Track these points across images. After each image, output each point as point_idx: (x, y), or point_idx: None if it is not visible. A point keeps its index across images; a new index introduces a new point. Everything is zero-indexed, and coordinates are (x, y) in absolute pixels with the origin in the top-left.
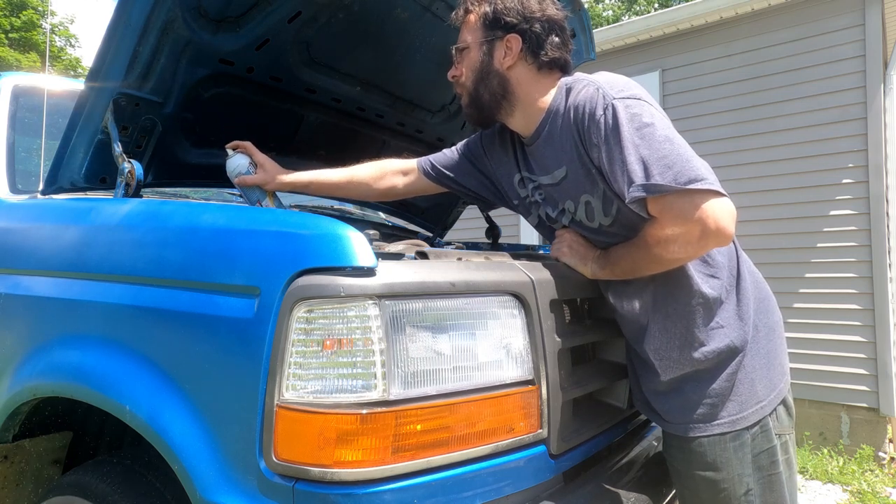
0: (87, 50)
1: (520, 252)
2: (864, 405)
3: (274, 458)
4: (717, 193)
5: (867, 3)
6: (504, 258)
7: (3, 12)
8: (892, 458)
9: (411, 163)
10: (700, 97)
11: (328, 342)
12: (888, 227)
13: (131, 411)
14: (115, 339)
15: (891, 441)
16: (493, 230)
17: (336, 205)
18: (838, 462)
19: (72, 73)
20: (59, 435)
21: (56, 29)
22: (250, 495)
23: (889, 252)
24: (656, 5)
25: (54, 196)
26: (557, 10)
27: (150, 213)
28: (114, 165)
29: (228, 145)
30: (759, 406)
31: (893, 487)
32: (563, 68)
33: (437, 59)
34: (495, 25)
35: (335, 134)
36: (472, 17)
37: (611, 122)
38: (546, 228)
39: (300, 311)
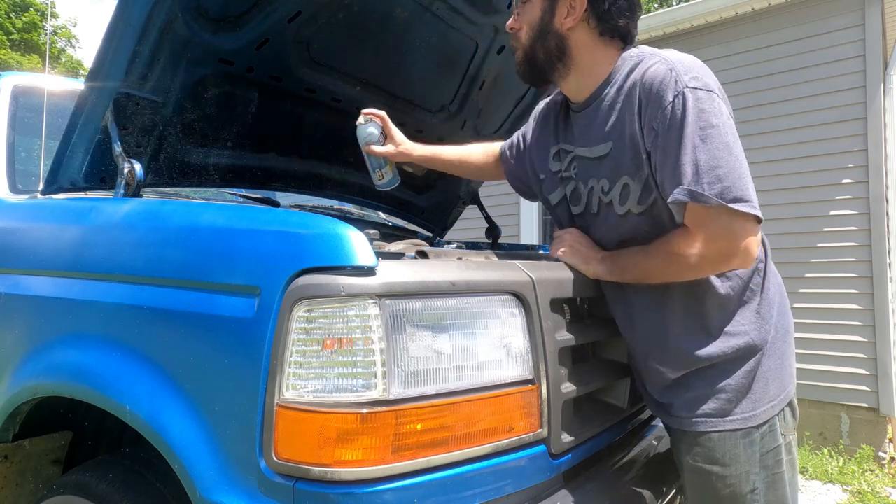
0: (88, 52)
1: (520, 252)
2: (864, 405)
3: (274, 458)
4: (756, 219)
5: (867, 3)
6: (504, 258)
7: (4, 13)
8: (892, 458)
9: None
10: None
11: (328, 341)
12: (888, 227)
13: (131, 411)
14: (116, 339)
15: (891, 441)
16: (493, 230)
17: (336, 204)
18: (838, 462)
19: (73, 74)
20: (59, 435)
21: (58, 30)
22: (250, 495)
23: (889, 252)
24: (656, 5)
25: (54, 196)
26: None
27: (151, 213)
28: (114, 165)
29: (364, 111)
30: (770, 405)
31: (893, 487)
32: (626, 38)
33: (438, 59)
34: None
35: (335, 133)
36: None
37: (679, 112)
38: (565, 209)
39: (300, 311)
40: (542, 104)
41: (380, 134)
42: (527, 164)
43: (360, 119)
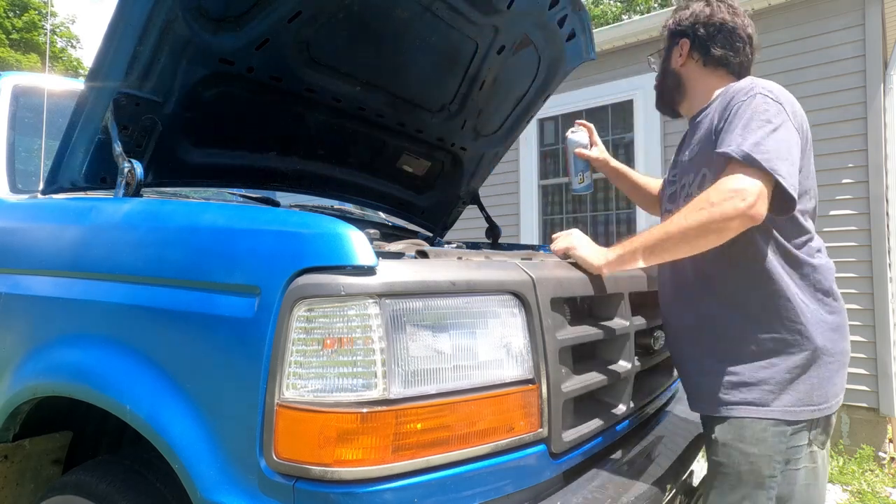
0: (88, 51)
1: (520, 252)
2: (864, 405)
3: (274, 457)
4: (777, 186)
5: (867, 3)
6: (504, 257)
7: (3, 13)
8: (892, 458)
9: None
10: None
11: (328, 341)
12: (888, 227)
13: (132, 411)
14: (116, 339)
15: (891, 441)
16: (493, 230)
17: (336, 204)
18: (838, 462)
19: (73, 73)
20: (59, 435)
21: (57, 29)
22: (251, 494)
23: (889, 252)
24: (656, 5)
25: (54, 196)
26: (730, 16)
27: (151, 213)
28: (114, 165)
29: (577, 122)
30: (808, 409)
31: (893, 487)
32: (731, 68)
33: (438, 59)
34: (673, 35)
35: (335, 133)
36: (665, 31)
37: (749, 104)
38: (664, 207)
39: (300, 310)
40: None
41: (587, 142)
42: None
43: (573, 128)
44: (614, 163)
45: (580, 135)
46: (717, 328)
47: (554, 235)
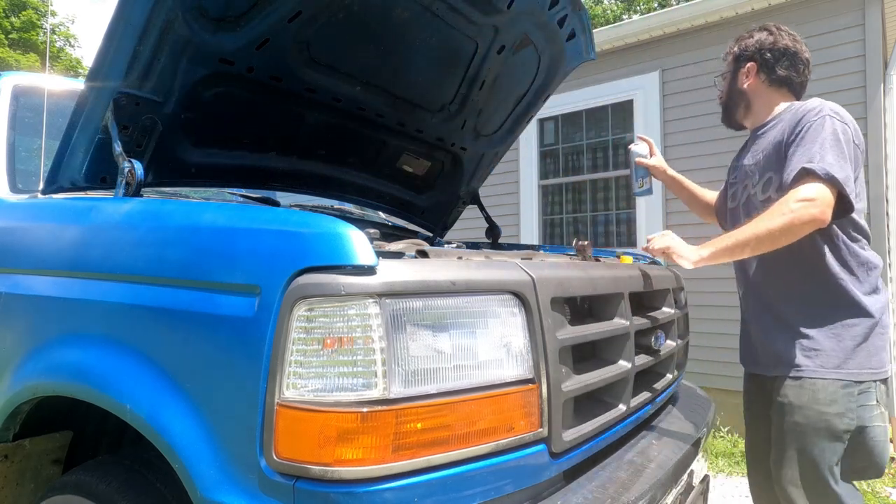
0: (87, 50)
1: (520, 251)
2: None
3: (274, 457)
4: (839, 194)
5: (867, 3)
6: (505, 257)
7: (2, 13)
8: (892, 458)
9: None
10: (700, 97)
11: (329, 341)
12: (888, 227)
13: (132, 410)
14: (116, 339)
15: (891, 441)
16: (493, 230)
17: (336, 204)
18: None
19: (72, 73)
20: (59, 434)
21: (56, 29)
22: (251, 494)
23: (889, 252)
24: (656, 5)
25: (55, 195)
26: (791, 42)
27: (151, 213)
28: (114, 165)
29: (638, 136)
30: (871, 371)
31: (893, 487)
32: (792, 88)
33: (438, 59)
34: (740, 59)
35: (335, 134)
36: (730, 55)
37: (819, 125)
38: (724, 208)
39: (301, 310)
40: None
41: (647, 152)
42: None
43: (634, 142)
44: (671, 171)
45: (641, 147)
46: (793, 305)
47: (648, 237)
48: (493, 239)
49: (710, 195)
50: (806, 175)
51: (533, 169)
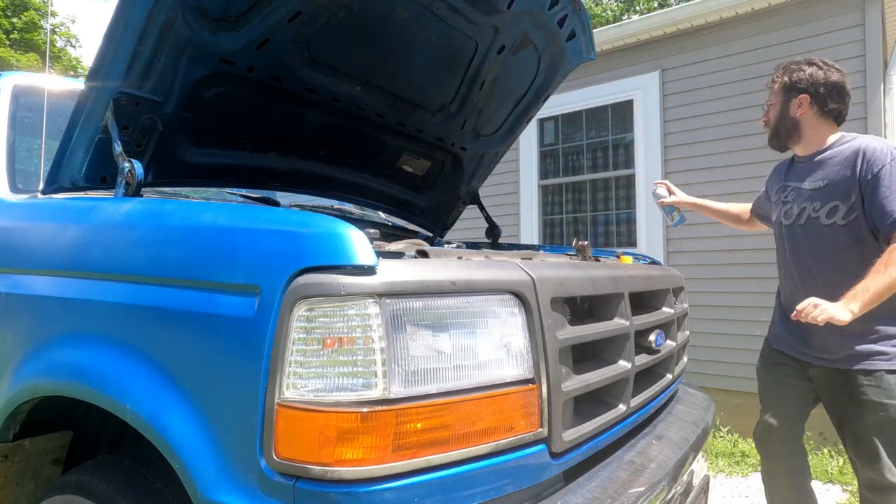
0: (87, 50)
1: (520, 251)
2: None
3: (274, 457)
4: None
5: (867, 3)
6: (504, 257)
7: (3, 13)
8: None
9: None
10: (700, 97)
11: (329, 341)
12: None
13: (132, 410)
14: (116, 338)
15: None
16: (493, 230)
17: (336, 204)
18: (838, 462)
19: (72, 73)
20: (59, 434)
21: (57, 29)
22: (251, 494)
23: None
24: (656, 5)
25: (54, 195)
26: (838, 75)
27: (151, 212)
28: (114, 165)
29: (655, 182)
30: None
31: None
32: (838, 118)
33: (438, 59)
34: (791, 89)
35: (335, 134)
36: (776, 84)
37: (891, 169)
38: (780, 222)
39: (301, 310)
40: (774, 167)
41: (666, 194)
42: (771, 200)
43: (653, 186)
44: (691, 199)
45: (661, 189)
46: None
47: (799, 307)
48: (493, 239)
49: (736, 207)
50: None
51: (533, 169)
